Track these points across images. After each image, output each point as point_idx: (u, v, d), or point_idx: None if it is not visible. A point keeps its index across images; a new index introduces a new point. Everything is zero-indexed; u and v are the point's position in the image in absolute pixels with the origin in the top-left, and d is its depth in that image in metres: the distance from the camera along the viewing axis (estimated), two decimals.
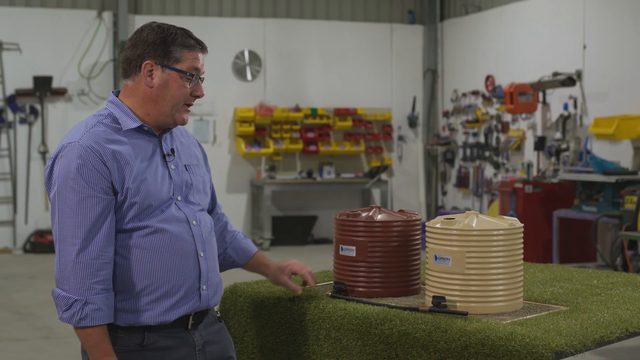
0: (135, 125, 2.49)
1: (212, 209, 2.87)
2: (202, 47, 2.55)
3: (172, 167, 2.55)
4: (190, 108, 2.58)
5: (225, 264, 2.90)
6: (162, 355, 2.49)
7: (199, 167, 2.68)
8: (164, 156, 2.54)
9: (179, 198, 2.54)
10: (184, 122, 2.55)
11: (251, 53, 12.51)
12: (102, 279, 2.38)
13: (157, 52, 2.48)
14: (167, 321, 2.49)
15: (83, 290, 2.36)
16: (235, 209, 12.32)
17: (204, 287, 2.55)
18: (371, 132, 13.08)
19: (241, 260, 2.91)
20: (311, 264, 3.14)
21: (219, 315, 2.73)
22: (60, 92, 11.67)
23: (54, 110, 11.78)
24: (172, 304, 2.48)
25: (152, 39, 2.49)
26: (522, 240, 2.61)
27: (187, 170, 2.60)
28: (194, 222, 2.54)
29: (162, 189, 2.49)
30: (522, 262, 2.62)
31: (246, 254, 2.91)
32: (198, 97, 2.56)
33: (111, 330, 2.45)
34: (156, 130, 2.55)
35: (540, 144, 10.44)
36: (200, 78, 2.54)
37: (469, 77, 12.40)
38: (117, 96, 2.55)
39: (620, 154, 9.24)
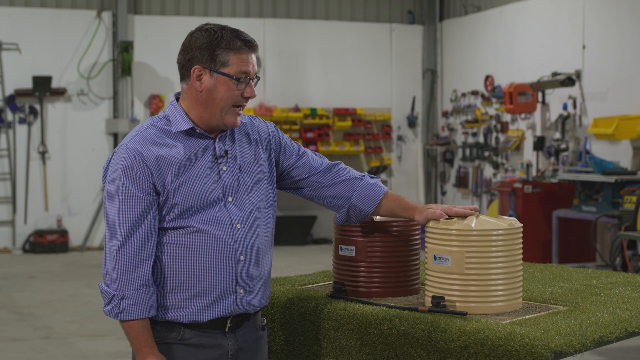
0: (185, 127, 2.52)
1: (312, 169, 2.76)
2: (250, 48, 2.52)
3: (224, 168, 2.56)
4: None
5: (355, 216, 2.76)
6: (194, 352, 2.53)
7: (258, 164, 2.64)
8: (216, 157, 2.56)
9: (230, 199, 2.55)
10: (234, 125, 2.55)
11: None
12: (140, 275, 2.46)
13: (204, 57, 2.50)
14: (200, 320, 2.51)
15: (122, 286, 2.45)
16: None
17: (241, 291, 2.55)
18: (370, 132, 13.08)
19: (368, 208, 2.73)
20: (310, 264, 3.14)
21: (264, 323, 2.72)
22: (60, 92, 11.67)
23: (54, 110, 11.78)
24: (206, 304, 2.51)
25: (200, 44, 2.50)
26: (521, 240, 2.62)
27: (240, 170, 2.59)
28: (238, 226, 2.54)
29: (208, 190, 2.51)
30: (521, 262, 2.62)
31: (372, 200, 2.72)
32: (249, 98, 2.55)
33: (151, 323, 2.51)
34: (210, 132, 2.57)
35: (539, 144, 10.44)
36: (251, 79, 2.53)
37: (468, 77, 12.40)
38: (177, 99, 2.60)
39: (619, 154, 9.24)
